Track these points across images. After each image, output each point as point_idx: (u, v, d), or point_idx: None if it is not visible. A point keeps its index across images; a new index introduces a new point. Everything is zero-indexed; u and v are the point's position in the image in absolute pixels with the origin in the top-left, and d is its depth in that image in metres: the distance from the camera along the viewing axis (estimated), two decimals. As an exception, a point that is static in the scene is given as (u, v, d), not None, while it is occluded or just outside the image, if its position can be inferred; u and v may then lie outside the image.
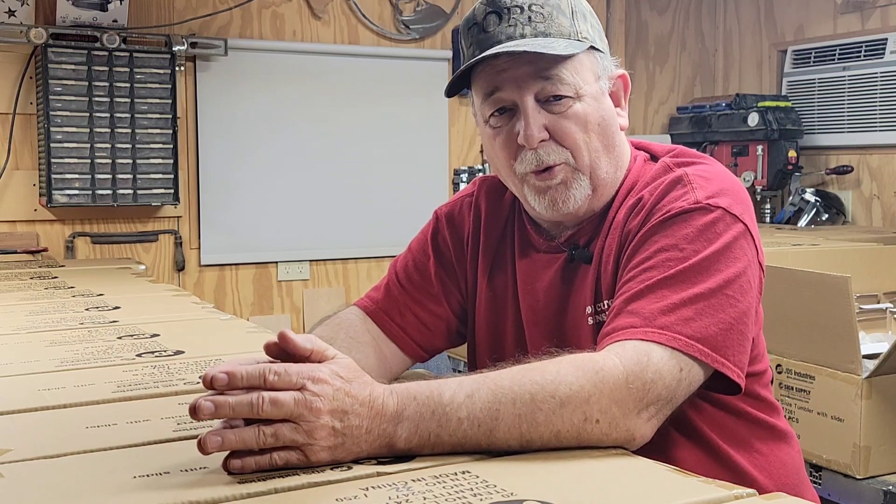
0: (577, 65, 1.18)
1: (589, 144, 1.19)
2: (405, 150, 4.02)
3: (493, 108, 1.20)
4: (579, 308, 1.22)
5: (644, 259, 1.11)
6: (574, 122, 1.18)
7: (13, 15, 3.29)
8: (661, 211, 1.14)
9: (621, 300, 1.09)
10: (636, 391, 0.98)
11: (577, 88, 1.17)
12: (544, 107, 1.17)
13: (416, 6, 4.03)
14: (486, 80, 1.19)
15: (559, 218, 1.24)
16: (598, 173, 1.21)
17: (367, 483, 0.84)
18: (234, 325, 1.74)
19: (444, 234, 1.38)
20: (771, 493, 0.86)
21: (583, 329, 1.21)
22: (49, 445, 0.96)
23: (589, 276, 1.21)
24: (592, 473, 0.90)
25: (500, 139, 1.21)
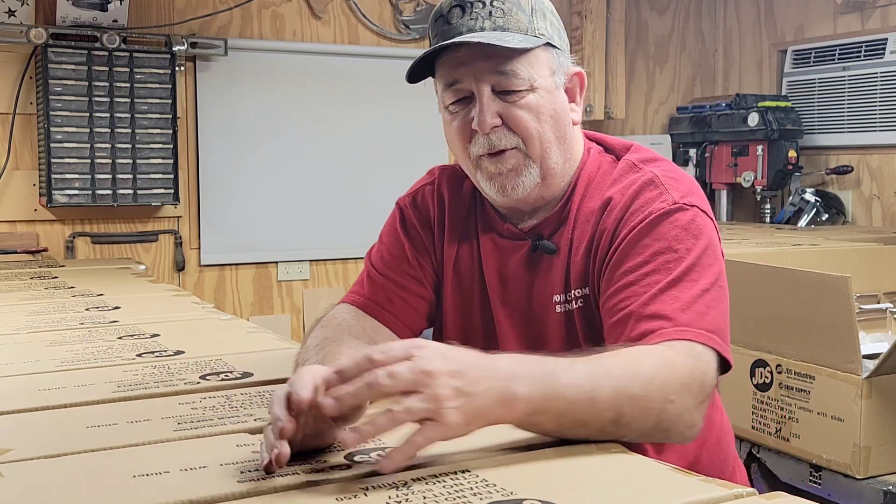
0: (532, 59, 1.25)
1: (541, 134, 1.25)
2: (405, 150, 4.02)
3: (454, 97, 1.28)
4: (546, 296, 1.28)
5: (642, 263, 1.16)
6: (527, 111, 1.24)
7: (13, 15, 3.29)
8: (641, 212, 1.20)
9: (637, 304, 1.13)
10: (698, 382, 1.06)
11: (532, 81, 1.24)
12: (499, 96, 1.24)
13: (416, 6, 4.03)
14: (447, 71, 1.27)
15: (510, 203, 1.30)
16: (548, 163, 1.27)
17: (367, 482, 0.84)
18: (235, 325, 1.74)
19: (411, 221, 1.44)
20: (770, 492, 0.86)
21: (550, 316, 1.27)
22: (49, 445, 0.96)
23: (555, 266, 1.28)
24: (592, 473, 0.90)
25: (456, 124, 1.29)
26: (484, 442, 0.97)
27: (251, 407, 1.11)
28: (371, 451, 0.93)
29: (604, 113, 4.28)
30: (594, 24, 4.21)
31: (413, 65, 1.31)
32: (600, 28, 4.23)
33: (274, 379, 1.25)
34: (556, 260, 1.28)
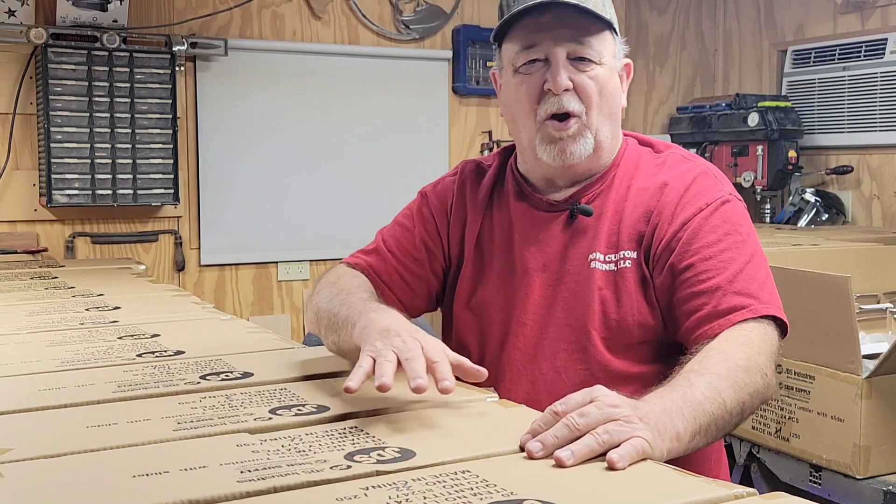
0: (603, 38, 1.37)
1: (601, 107, 1.37)
2: (405, 150, 4.02)
3: (527, 59, 1.36)
4: (580, 255, 1.38)
5: (716, 241, 1.30)
6: (595, 82, 1.36)
7: (13, 15, 3.29)
8: (703, 197, 1.34)
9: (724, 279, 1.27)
10: (772, 351, 1.22)
11: (601, 57, 1.36)
12: (572, 63, 1.35)
13: (416, 6, 4.03)
14: (526, 34, 1.36)
15: (559, 170, 1.40)
16: (601, 136, 1.38)
17: (367, 482, 0.84)
18: (235, 325, 1.74)
19: (428, 208, 1.54)
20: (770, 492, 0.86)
21: (584, 273, 1.37)
22: (49, 445, 0.96)
23: (592, 230, 1.39)
24: (592, 473, 0.90)
25: (526, 85, 1.37)
26: (484, 442, 0.97)
27: (251, 407, 1.10)
28: (371, 451, 0.93)
29: (604, 113, 4.27)
30: (594, 24, 4.21)
31: (500, 24, 1.39)
32: (600, 28, 4.23)
33: (274, 379, 1.25)
34: (594, 223, 1.39)
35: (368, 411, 1.09)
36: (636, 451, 0.92)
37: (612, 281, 1.35)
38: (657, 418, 0.99)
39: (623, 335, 1.34)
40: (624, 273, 1.35)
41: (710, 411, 1.07)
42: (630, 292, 1.34)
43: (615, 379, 1.31)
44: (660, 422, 0.99)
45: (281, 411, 1.08)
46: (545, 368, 1.38)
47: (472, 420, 1.08)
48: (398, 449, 0.94)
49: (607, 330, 1.35)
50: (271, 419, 1.05)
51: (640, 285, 1.34)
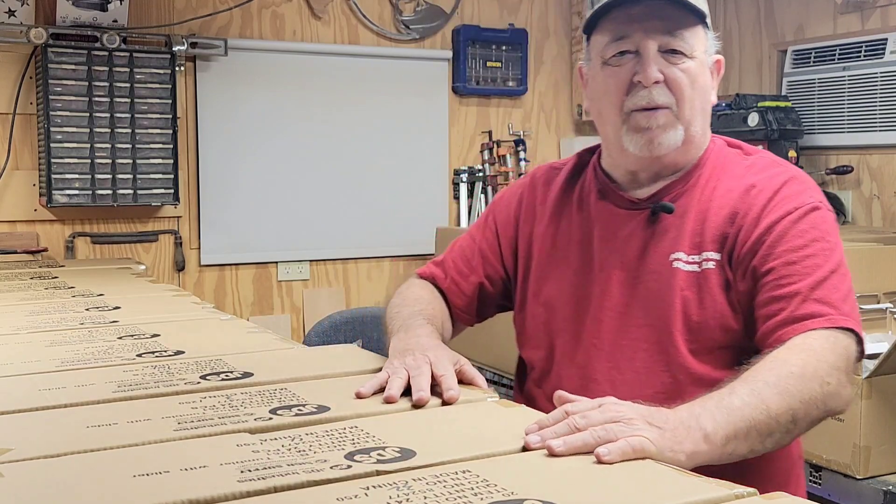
0: (695, 31, 1.34)
1: (692, 100, 1.34)
2: (405, 150, 4.02)
3: (616, 50, 1.34)
4: (661, 254, 1.35)
5: (802, 245, 1.27)
6: (686, 75, 1.33)
7: (13, 15, 3.29)
8: (792, 201, 1.30)
9: (805, 285, 1.23)
10: (843, 359, 1.19)
11: (693, 50, 1.33)
12: (664, 56, 1.32)
13: (416, 6, 4.03)
14: (617, 25, 1.34)
15: (643, 163, 1.37)
16: (691, 129, 1.35)
17: (368, 482, 0.84)
18: (235, 325, 1.74)
19: (493, 215, 1.57)
20: (771, 492, 0.86)
21: (666, 273, 1.34)
22: (49, 445, 0.96)
23: (674, 229, 1.36)
24: (592, 473, 0.90)
25: (615, 78, 1.35)
26: (484, 442, 0.97)
27: (251, 406, 1.10)
28: (371, 451, 0.93)
29: (604, 113, 4.28)
30: (594, 24, 4.21)
31: (591, 15, 1.36)
32: (600, 28, 4.23)
33: (274, 379, 1.25)
34: (677, 222, 1.36)
35: (369, 411, 1.09)
36: (630, 447, 0.93)
37: (694, 282, 1.32)
38: (678, 422, 1.01)
39: (705, 338, 1.31)
40: (707, 274, 1.31)
41: (750, 416, 1.06)
42: (713, 294, 1.31)
43: (696, 382, 1.27)
44: (681, 425, 1.01)
45: (281, 411, 1.08)
46: (625, 369, 1.36)
47: (472, 420, 1.08)
48: (398, 449, 0.94)
49: (689, 332, 1.31)
50: (271, 419, 1.05)
51: (723, 288, 1.31)
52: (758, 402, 1.08)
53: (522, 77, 4.21)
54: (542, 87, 4.33)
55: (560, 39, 4.36)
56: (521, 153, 4.22)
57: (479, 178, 4.17)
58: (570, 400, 1.04)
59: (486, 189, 4.17)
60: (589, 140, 4.37)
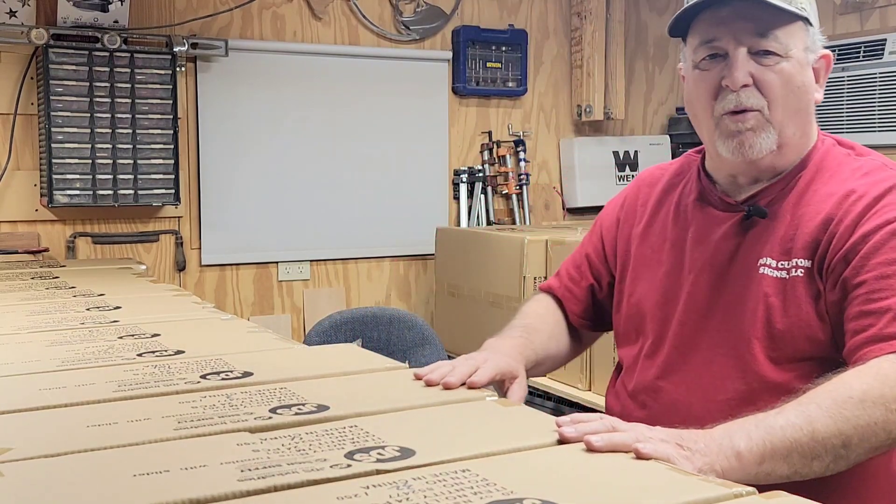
0: (791, 30, 1.29)
1: (786, 101, 1.30)
2: (405, 150, 4.02)
3: (706, 53, 1.32)
4: (749, 260, 1.32)
5: (892, 261, 1.20)
6: (778, 76, 1.29)
7: (14, 15, 3.30)
8: (890, 211, 1.23)
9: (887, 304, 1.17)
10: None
11: (787, 50, 1.29)
12: (754, 58, 1.29)
13: (417, 7, 4.03)
14: (706, 28, 1.32)
15: (740, 167, 1.35)
16: (786, 131, 1.31)
17: (368, 481, 0.84)
18: (235, 324, 1.74)
19: (600, 220, 1.59)
20: (771, 492, 0.86)
21: (752, 278, 1.31)
22: (49, 444, 0.96)
23: (768, 232, 1.32)
24: (592, 473, 0.90)
25: (705, 81, 1.33)
26: (484, 441, 0.98)
27: (251, 406, 1.11)
28: (371, 450, 0.93)
29: (603, 113, 4.28)
30: (594, 24, 4.21)
31: (676, 18, 1.35)
32: (600, 29, 4.23)
33: (274, 379, 1.25)
34: (770, 226, 1.32)
35: (368, 411, 1.09)
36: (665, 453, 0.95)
37: (781, 289, 1.28)
38: (709, 441, 1.01)
39: (787, 347, 1.27)
40: (795, 282, 1.27)
41: (792, 437, 1.04)
42: (799, 303, 1.26)
43: (773, 391, 1.24)
44: (713, 443, 1.01)
45: (281, 410, 1.08)
46: (701, 373, 1.34)
47: (471, 419, 1.08)
48: (398, 448, 0.94)
49: (770, 340, 1.28)
50: (271, 418, 1.05)
51: (812, 297, 1.26)
52: (804, 423, 1.05)
53: (522, 77, 4.21)
54: (542, 88, 4.33)
55: (560, 40, 4.36)
56: (520, 153, 4.22)
57: (479, 179, 4.17)
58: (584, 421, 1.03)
59: (486, 189, 4.18)
60: (588, 140, 4.37)
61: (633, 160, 4.42)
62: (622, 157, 4.40)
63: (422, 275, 4.09)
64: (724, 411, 1.21)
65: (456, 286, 3.46)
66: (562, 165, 4.39)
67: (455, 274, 3.48)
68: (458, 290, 3.45)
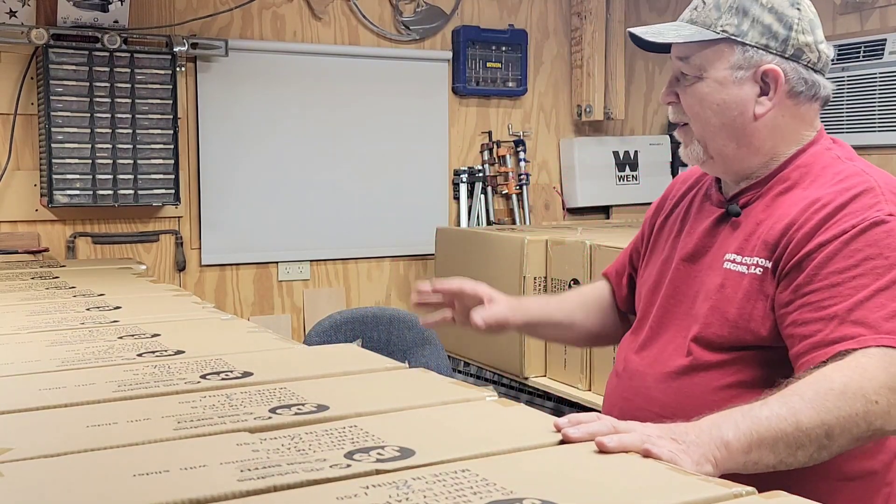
0: (709, 54, 1.37)
1: (704, 119, 1.38)
2: (405, 151, 4.02)
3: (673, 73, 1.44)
4: (718, 253, 1.39)
5: (852, 266, 1.23)
6: (691, 96, 1.39)
7: (14, 15, 3.30)
8: (855, 216, 1.25)
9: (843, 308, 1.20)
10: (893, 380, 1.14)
11: (702, 71, 1.37)
12: (679, 78, 1.41)
13: (417, 7, 4.03)
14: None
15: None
16: (714, 145, 1.39)
17: (367, 481, 0.84)
18: (235, 324, 1.75)
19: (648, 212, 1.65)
20: (770, 491, 0.86)
21: (715, 270, 1.38)
22: (49, 445, 0.96)
23: (737, 229, 1.39)
24: (592, 473, 0.90)
25: None
26: (483, 441, 0.98)
27: (251, 406, 1.11)
28: (371, 450, 0.93)
29: (603, 114, 4.28)
30: (594, 24, 4.22)
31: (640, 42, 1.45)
32: (600, 29, 4.23)
33: (274, 378, 1.25)
34: (740, 224, 1.39)
35: (368, 410, 1.09)
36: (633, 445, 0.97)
37: (737, 282, 1.34)
38: (698, 432, 1.05)
39: (731, 335, 1.33)
40: (752, 279, 1.32)
41: (777, 427, 1.08)
42: (750, 298, 1.31)
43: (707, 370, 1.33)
44: (702, 434, 1.05)
45: (281, 410, 1.08)
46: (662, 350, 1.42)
47: (471, 419, 1.08)
48: (398, 448, 0.94)
49: (717, 327, 1.34)
50: (271, 418, 1.05)
51: (764, 295, 1.31)
52: (788, 414, 1.09)
53: (522, 77, 4.21)
54: (542, 88, 4.33)
55: (560, 40, 4.36)
56: (520, 153, 4.22)
57: (479, 179, 4.17)
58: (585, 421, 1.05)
59: (486, 189, 4.18)
60: (588, 140, 4.38)
61: (633, 160, 4.42)
62: (622, 157, 4.40)
63: (422, 275, 4.09)
64: (664, 381, 1.37)
65: (456, 286, 3.45)
66: (562, 165, 4.39)
67: (455, 274, 3.47)
68: (458, 290, 3.44)
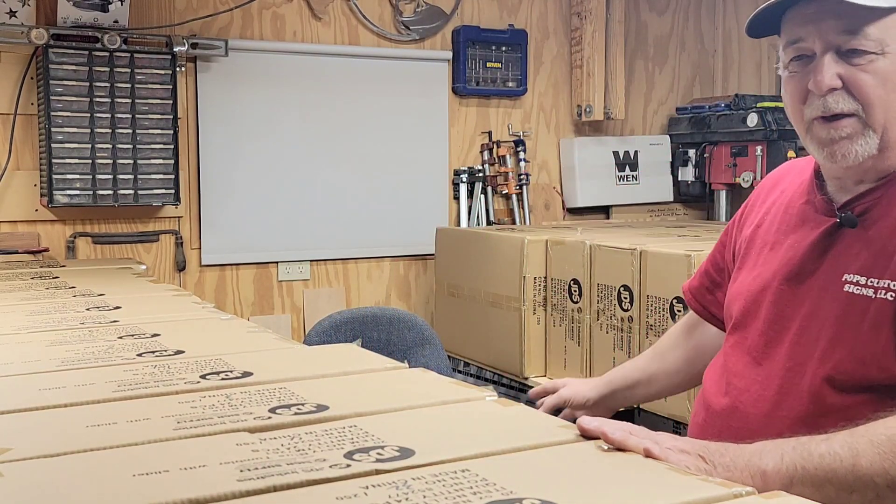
0: (888, 23, 1.17)
1: (886, 102, 1.18)
2: (405, 151, 4.02)
3: (794, 55, 1.24)
4: (834, 274, 1.22)
5: None
6: (872, 76, 1.17)
7: (14, 15, 3.30)
8: None
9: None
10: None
11: (884, 46, 1.17)
12: (844, 58, 1.18)
13: (417, 7, 4.03)
14: (792, 28, 1.23)
15: (838, 172, 1.25)
16: (890, 134, 1.19)
17: (367, 481, 0.84)
18: (235, 324, 1.74)
19: (731, 220, 1.52)
20: (770, 492, 0.86)
21: (832, 293, 1.21)
22: (49, 445, 0.96)
23: (857, 244, 1.21)
24: (592, 472, 0.90)
25: (792, 84, 1.25)
26: (483, 441, 0.98)
27: (251, 406, 1.11)
28: (371, 450, 0.93)
29: (603, 113, 4.28)
30: (594, 24, 4.21)
31: (755, 16, 1.27)
32: (600, 29, 4.23)
33: (274, 378, 1.25)
34: (862, 237, 1.21)
35: (368, 411, 1.09)
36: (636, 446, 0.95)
37: (862, 309, 1.17)
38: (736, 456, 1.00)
39: (856, 372, 1.17)
40: (882, 305, 1.15)
41: (830, 468, 1.00)
42: (880, 327, 1.15)
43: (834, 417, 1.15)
44: (739, 459, 1.00)
45: (280, 410, 1.08)
46: (767, 385, 1.26)
47: (471, 419, 1.08)
48: (397, 448, 0.94)
49: (838, 362, 1.18)
50: (271, 418, 1.05)
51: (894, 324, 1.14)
52: (848, 455, 1.00)
53: (522, 77, 4.21)
54: (542, 88, 4.33)
55: (560, 40, 4.36)
56: (520, 153, 4.22)
57: (479, 179, 4.17)
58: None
59: (486, 189, 4.18)
60: (589, 140, 4.37)
61: (633, 160, 4.42)
62: (622, 157, 4.40)
63: (422, 275, 4.09)
64: (780, 428, 1.17)
65: (456, 286, 3.46)
66: (562, 165, 4.39)
67: (455, 274, 3.48)
68: (458, 291, 3.45)
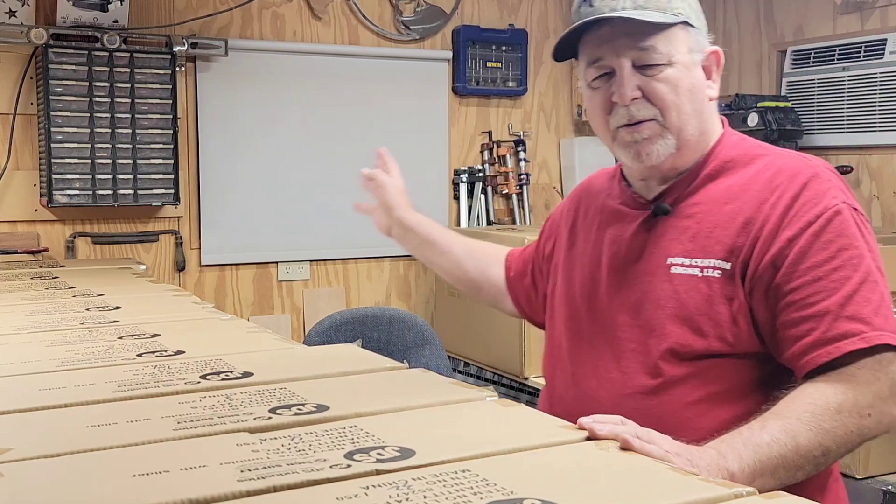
0: (670, 36, 1.32)
1: (678, 106, 1.32)
2: (405, 150, 4.02)
3: (597, 73, 1.36)
4: (659, 259, 1.34)
5: (828, 258, 1.22)
6: (665, 84, 1.32)
7: (14, 15, 3.30)
8: (811, 209, 1.25)
9: (834, 303, 1.20)
10: (887, 385, 1.17)
11: (670, 57, 1.32)
12: (639, 71, 1.32)
13: (417, 7, 4.03)
14: (591, 49, 1.36)
15: (644, 171, 1.39)
16: (685, 133, 1.34)
17: (367, 481, 0.84)
18: (235, 324, 1.74)
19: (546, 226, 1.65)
20: (771, 492, 0.86)
21: (660, 275, 1.33)
22: (49, 445, 0.96)
23: (675, 229, 1.34)
24: (592, 472, 0.90)
25: (597, 98, 1.37)
26: (484, 441, 0.98)
27: (251, 406, 1.11)
28: (371, 450, 0.93)
29: (604, 113, 4.28)
30: (594, 24, 4.21)
31: (557, 43, 1.39)
32: (600, 28, 4.23)
33: (274, 379, 1.25)
34: (677, 224, 1.34)
35: (368, 410, 1.09)
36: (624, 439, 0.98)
37: (693, 286, 1.29)
38: (708, 462, 1.06)
39: (697, 344, 1.28)
40: (710, 282, 1.28)
41: (778, 454, 1.10)
42: (713, 302, 1.27)
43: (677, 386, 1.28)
44: (711, 464, 1.06)
45: (281, 410, 1.08)
46: (611, 368, 1.36)
47: (471, 419, 1.08)
48: (398, 448, 0.94)
49: (679, 336, 1.29)
50: (271, 418, 1.05)
51: (726, 298, 1.27)
52: (788, 439, 1.11)
53: (522, 77, 4.21)
54: (542, 88, 4.33)
55: (560, 40, 4.36)
56: (520, 153, 4.22)
57: (479, 179, 4.17)
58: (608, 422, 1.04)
59: (486, 189, 4.18)
60: (589, 140, 4.37)
61: (633, 160, 4.42)
62: (622, 157, 4.41)
63: (422, 275, 4.09)
64: (630, 405, 1.28)
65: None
66: (562, 165, 4.39)
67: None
68: (458, 291, 3.44)
